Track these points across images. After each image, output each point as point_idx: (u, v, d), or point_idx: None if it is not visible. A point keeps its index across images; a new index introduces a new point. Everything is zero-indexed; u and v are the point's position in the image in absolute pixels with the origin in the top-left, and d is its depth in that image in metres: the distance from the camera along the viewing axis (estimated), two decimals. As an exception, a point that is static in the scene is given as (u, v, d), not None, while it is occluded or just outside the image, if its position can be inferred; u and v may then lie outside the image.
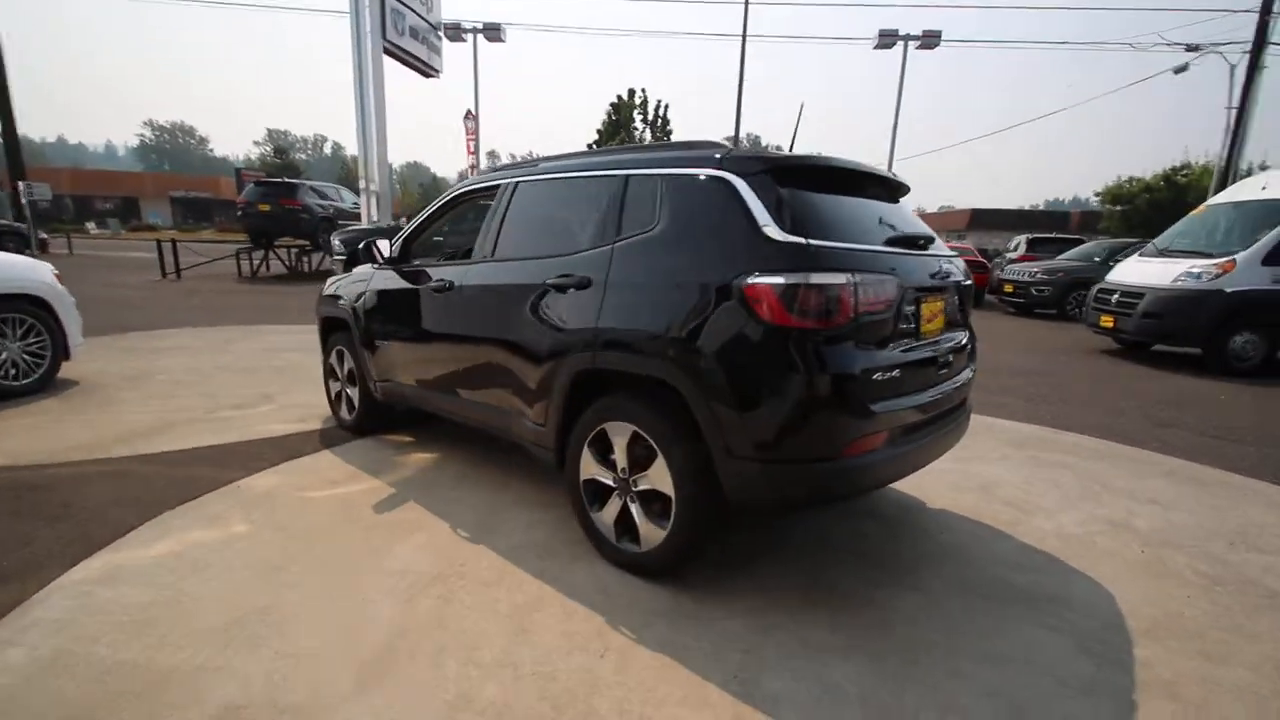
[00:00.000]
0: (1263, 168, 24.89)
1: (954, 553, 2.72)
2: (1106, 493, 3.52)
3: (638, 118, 34.70)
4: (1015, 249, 16.99)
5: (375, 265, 3.78)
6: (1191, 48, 19.51)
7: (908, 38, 20.49)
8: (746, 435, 2.02)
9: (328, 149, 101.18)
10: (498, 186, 3.14)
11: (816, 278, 1.97)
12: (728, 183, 2.19)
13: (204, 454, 3.64)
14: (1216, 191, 17.35)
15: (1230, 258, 7.14)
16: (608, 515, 2.48)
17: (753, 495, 2.12)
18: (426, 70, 18.31)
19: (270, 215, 14.38)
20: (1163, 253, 8.21)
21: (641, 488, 2.34)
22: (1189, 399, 6.02)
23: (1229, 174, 17.37)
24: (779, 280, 1.97)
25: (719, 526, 2.33)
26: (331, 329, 4.27)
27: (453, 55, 19.27)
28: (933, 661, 1.99)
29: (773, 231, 2.06)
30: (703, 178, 2.26)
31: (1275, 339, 7.07)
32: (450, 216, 3.62)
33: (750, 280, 2.01)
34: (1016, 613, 2.29)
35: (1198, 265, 7.36)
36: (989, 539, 2.87)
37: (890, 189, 2.63)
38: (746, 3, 19.60)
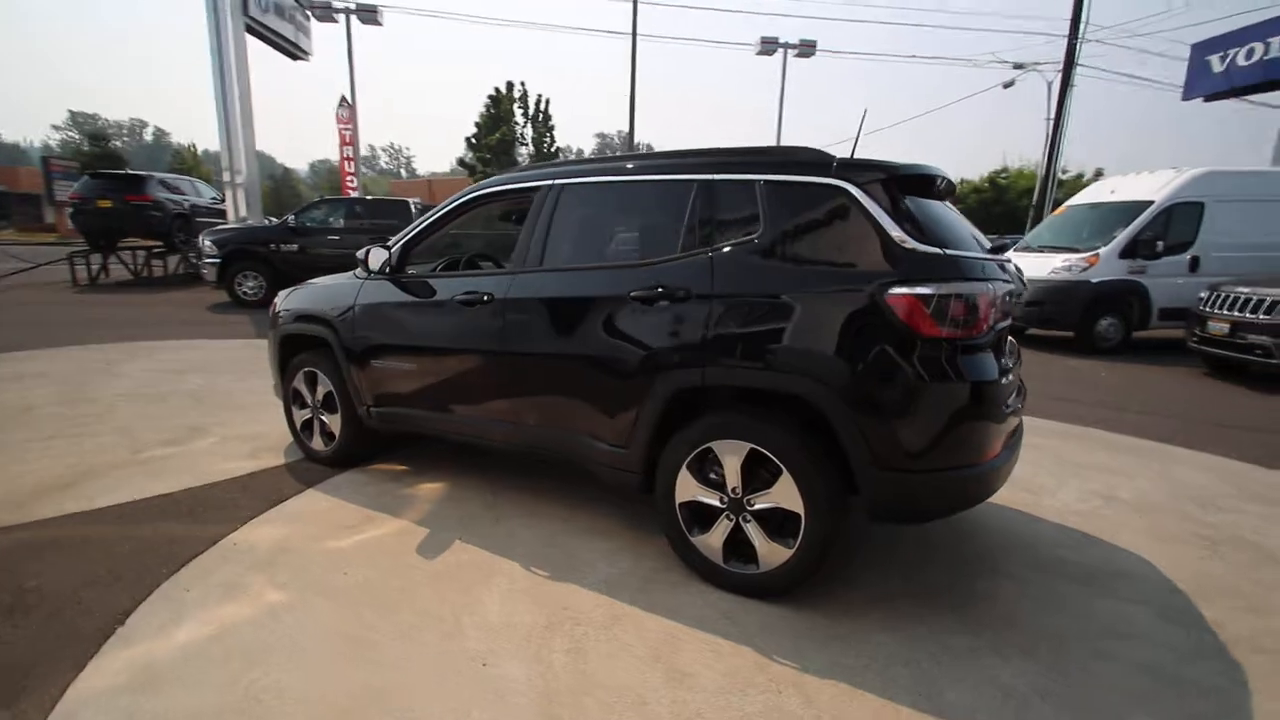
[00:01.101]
0: (1064, 172, 29.37)
1: (1011, 538, 2.90)
2: (1081, 468, 3.93)
3: (518, 112, 33.94)
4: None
5: (365, 275, 3.34)
6: (1018, 66, 22.42)
7: (786, 45, 21.75)
8: (898, 446, 2.01)
9: (148, 135, 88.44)
10: (534, 189, 2.88)
11: (962, 287, 2.00)
12: (846, 191, 2.15)
13: (161, 506, 3.02)
14: (1041, 192, 20.11)
15: (1095, 252, 8.30)
16: (714, 539, 2.36)
17: (899, 506, 2.12)
18: (294, 52, 16.64)
19: (113, 213, 12.27)
20: (1035, 248, 9.36)
21: (759, 507, 2.25)
22: (1076, 377, 6.92)
23: (1049, 178, 20.08)
24: (925, 290, 1.98)
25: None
26: (296, 348, 3.71)
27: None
28: (1071, 647, 2.10)
29: (906, 241, 2.05)
30: (817, 185, 2.20)
31: (1131, 322, 8.32)
32: (460, 221, 3.27)
33: (895, 291, 1.99)
34: (1094, 590, 2.49)
35: (1069, 259, 8.47)
36: (1028, 522, 3.09)
37: (950, 193, 2.71)
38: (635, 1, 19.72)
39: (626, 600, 2.31)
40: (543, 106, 33.95)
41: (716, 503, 2.34)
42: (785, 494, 2.18)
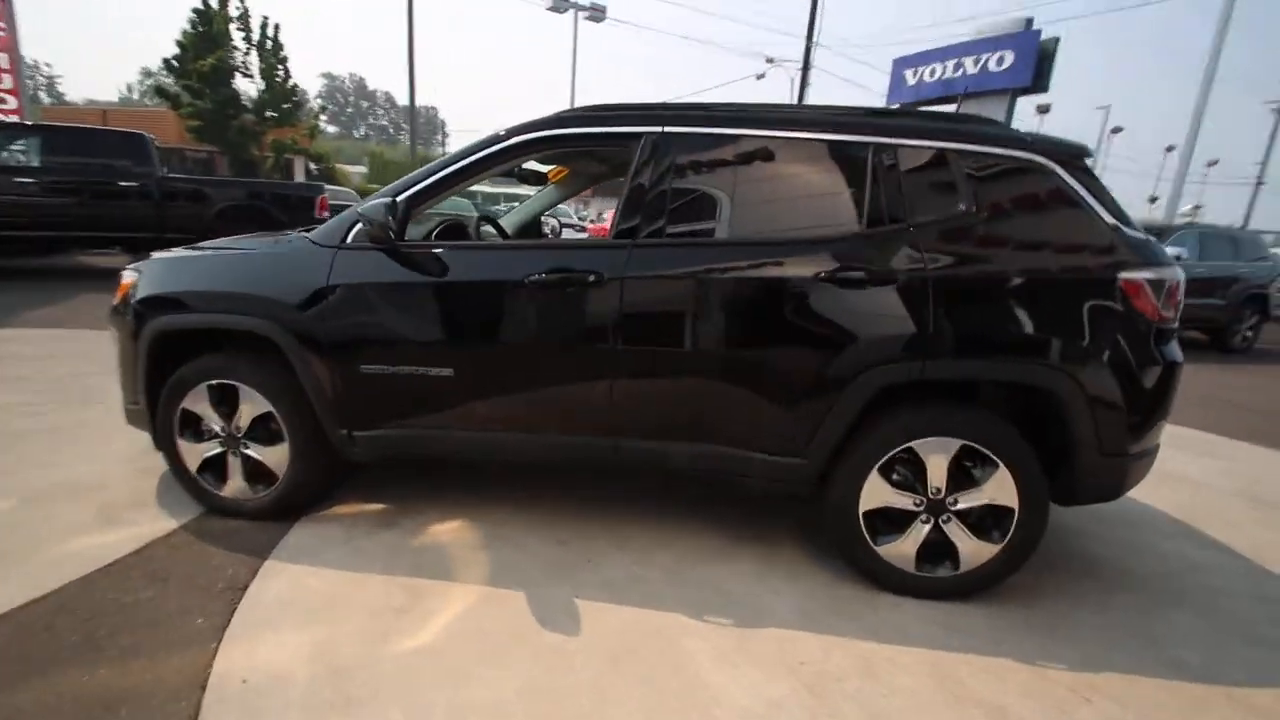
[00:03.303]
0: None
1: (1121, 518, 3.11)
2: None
3: (238, 35, 27.61)
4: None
5: (339, 241, 2.31)
6: (769, 60, 25.15)
7: (577, 6, 21.18)
8: (1123, 431, 2.02)
9: None
10: (629, 135, 2.24)
11: (1169, 272, 2.05)
12: (1050, 169, 2.06)
13: (26, 636, 1.76)
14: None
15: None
16: (906, 545, 2.15)
17: (1104, 490, 2.14)
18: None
19: None
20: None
21: (962, 506, 2.10)
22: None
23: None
24: (1151, 275, 1.99)
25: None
26: (183, 352, 2.44)
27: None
28: (1186, 589, 2.38)
29: (1112, 223, 2.04)
30: (1022, 160, 2.06)
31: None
32: (484, 177, 2.43)
33: (1127, 275, 1.97)
34: (1138, 531, 2.87)
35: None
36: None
37: None
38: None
39: (849, 634, 1.98)
40: (271, 33, 28.09)
41: (911, 506, 2.13)
42: (999, 489, 2.06)
